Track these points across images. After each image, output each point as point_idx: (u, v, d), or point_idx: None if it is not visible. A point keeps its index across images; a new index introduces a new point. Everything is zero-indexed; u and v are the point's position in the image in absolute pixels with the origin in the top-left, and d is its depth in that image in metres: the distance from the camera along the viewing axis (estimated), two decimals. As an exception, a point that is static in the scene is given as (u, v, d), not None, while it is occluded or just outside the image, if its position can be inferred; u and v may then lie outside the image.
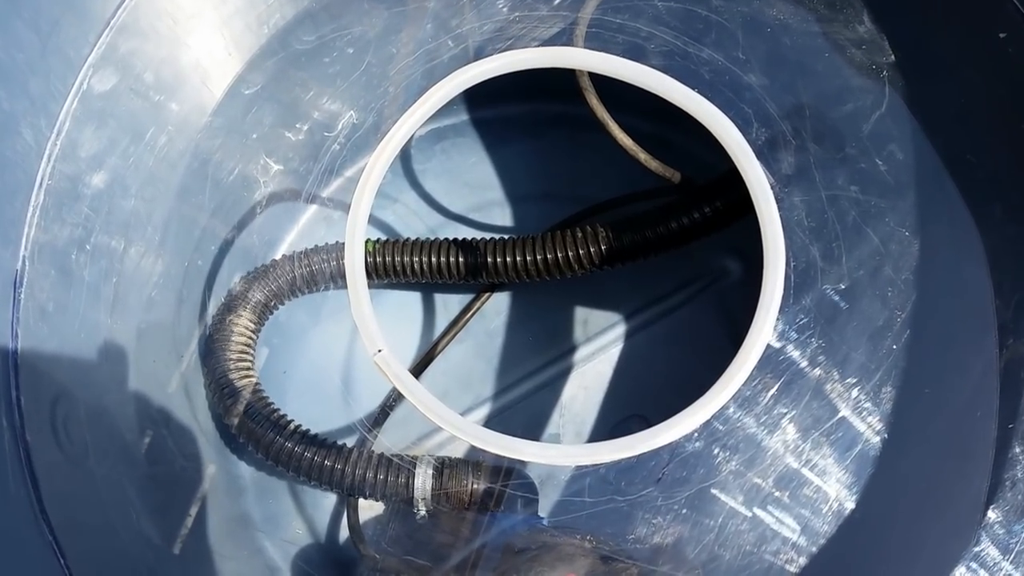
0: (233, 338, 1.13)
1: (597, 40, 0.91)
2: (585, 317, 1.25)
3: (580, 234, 1.13)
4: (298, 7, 0.98)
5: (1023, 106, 0.88)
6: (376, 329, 0.79)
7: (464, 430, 0.78)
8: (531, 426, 1.21)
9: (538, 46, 0.89)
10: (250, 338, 1.15)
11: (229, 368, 1.12)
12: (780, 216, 0.79)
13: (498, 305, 1.26)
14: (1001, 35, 0.90)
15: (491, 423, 1.20)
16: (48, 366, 0.80)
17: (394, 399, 1.21)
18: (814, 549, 0.83)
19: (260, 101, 1.10)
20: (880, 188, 0.84)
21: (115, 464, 0.87)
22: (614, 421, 1.22)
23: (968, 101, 0.89)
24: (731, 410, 0.80)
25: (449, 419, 0.78)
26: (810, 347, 0.81)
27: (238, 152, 1.11)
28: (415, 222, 1.31)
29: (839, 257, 0.82)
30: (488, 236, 1.20)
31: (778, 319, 0.76)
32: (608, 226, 1.12)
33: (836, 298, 0.82)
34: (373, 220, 1.31)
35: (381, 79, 0.97)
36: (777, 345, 0.80)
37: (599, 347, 1.22)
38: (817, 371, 0.81)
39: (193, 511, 1.04)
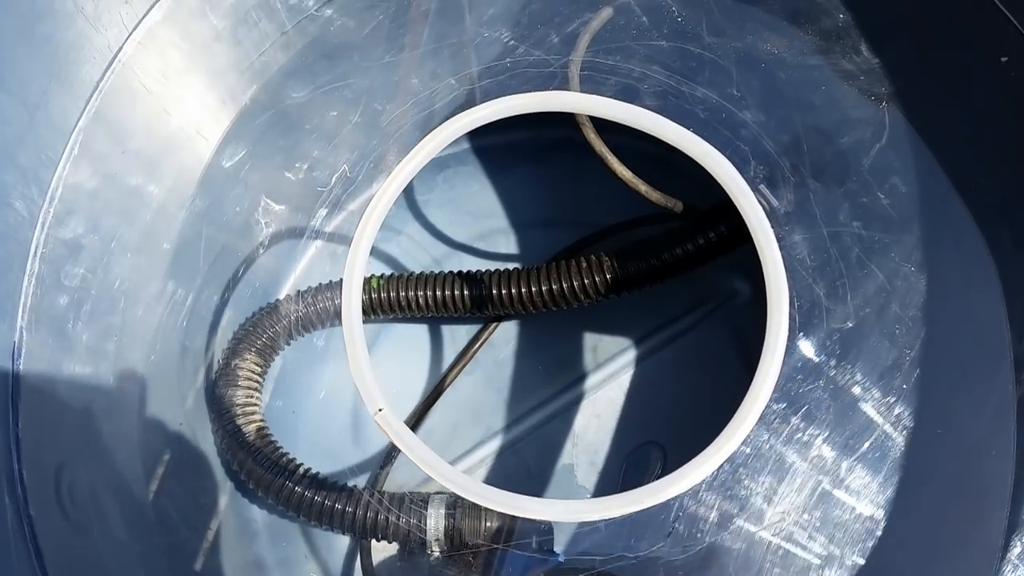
0: (239, 382, 1.13)
1: (589, 82, 0.89)
2: (594, 344, 1.23)
3: (585, 264, 1.11)
4: (289, 61, 0.98)
5: None
6: (376, 388, 0.78)
7: (468, 488, 0.77)
8: (544, 457, 1.20)
9: (531, 90, 0.88)
10: (256, 381, 1.15)
11: (236, 413, 1.12)
12: (782, 255, 0.77)
13: (506, 334, 1.25)
14: (1003, 59, 0.88)
15: (503, 455, 1.20)
16: (50, 435, 0.80)
17: (404, 436, 1.21)
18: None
19: (258, 147, 1.10)
20: (883, 223, 0.82)
21: (123, 524, 0.87)
22: (628, 449, 1.20)
23: (973, 128, 0.86)
24: (737, 461, 0.78)
25: (452, 477, 0.77)
26: (816, 392, 0.79)
27: (237, 197, 1.11)
28: (419, 253, 1.30)
29: (844, 296, 0.80)
30: (493, 266, 1.19)
31: (783, 363, 0.75)
32: (613, 255, 1.11)
33: (842, 338, 0.80)
34: (377, 253, 1.31)
35: (375, 129, 0.96)
36: (781, 392, 0.79)
37: (610, 374, 1.20)
38: (825, 417, 0.79)
39: (206, 558, 1.04)
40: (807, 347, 0.81)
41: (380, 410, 0.79)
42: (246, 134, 1.07)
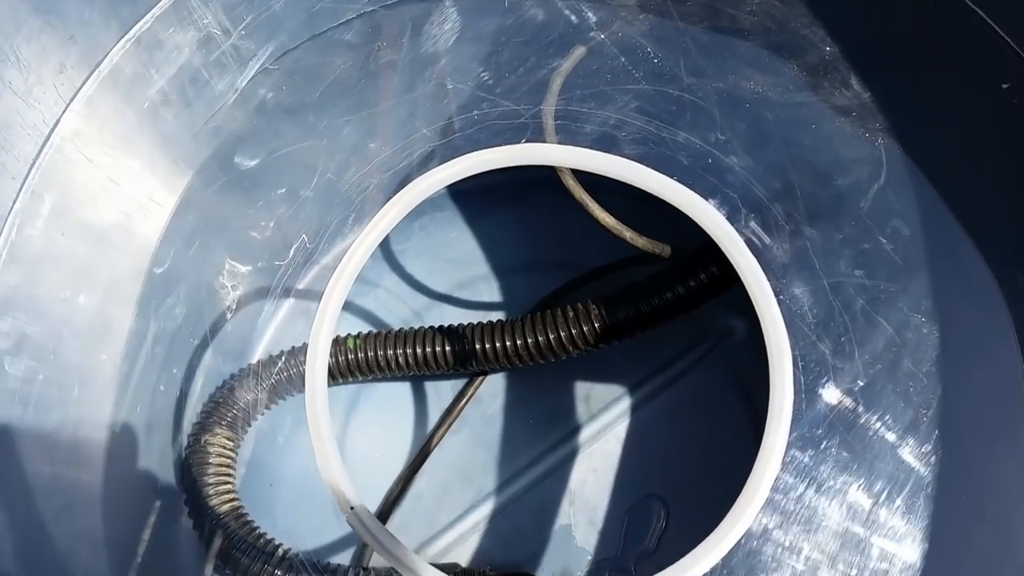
0: (210, 459, 1.07)
1: (564, 132, 0.83)
2: (587, 393, 1.18)
3: (572, 313, 1.06)
4: (246, 119, 0.92)
5: None
6: (347, 486, 0.71)
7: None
8: (540, 518, 1.14)
9: (502, 143, 0.82)
10: (229, 456, 1.09)
11: (208, 494, 1.05)
12: (782, 311, 0.71)
13: (494, 388, 1.20)
14: (1004, 86, 0.82)
15: (496, 519, 1.13)
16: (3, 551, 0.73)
17: (392, 504, 1.15)
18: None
19: (218, 209, 1.03)
20: (888, 270, 0.77)
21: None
22: (629, 504, 1.15)
23: (977, 162, 0.80)
24: (744, 541, 0.72)
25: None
26: (829, 461, 0.73)
27: (198, 262, 1.04)
28: (398, 306, 1.24)
29: (851, 353, 0.74)
30: (476, 316, 1.15)
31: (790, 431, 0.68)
32: (601, 302, 1.06)
33: (853, 400, 0.74)
34: (353, 308, 1.25)
35: (337, 192, 0.90)
36: (791, 464, 0.72)
37: (605, 424, 1.15)
38: (839, 488, 0.72)
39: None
40: (814, 412, 0.75)
41: (351, 508, 0.73)
42: (204, 197, 1.00)
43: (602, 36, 0.88)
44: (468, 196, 1.24)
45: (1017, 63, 0.81)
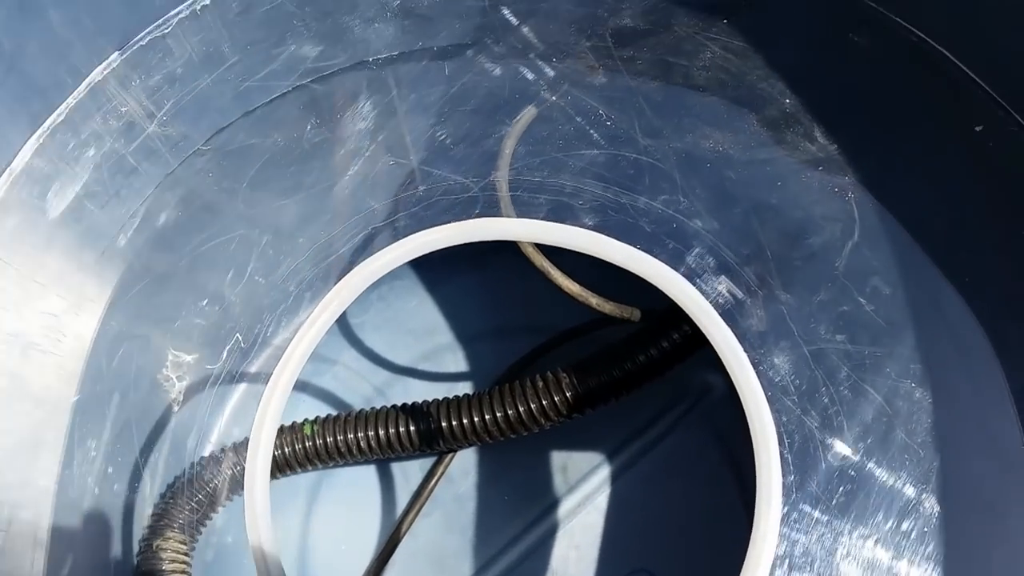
0: (164, 566, 0.99)
1: (517, 203, 0.79)
2: (563, 463, 1.12)
3: (542, 383, 1.01)
4: (179, 204, 0.85)
5: (1021, 206, 0.75)
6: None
7: None
8: (522, 604, 1.07)
9: (451, 220, 0.77)
10: (183, 561, 1.01)
11: (163, 606, 0.97)
12: (762, 383, 0.66)
13: (464, 464, 1.14)
14: (977, 128, 0.78)
15: (475, 609, 1.06)
16: None
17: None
18: None
19: (156, 299, 0.97)
20: (871, 333, 0.72)
21: None
22: (616, 581, 1.08)
23: (954, 210, 0.76)
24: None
25: None
26: (823, 547, 0.67)
27: (137, 356, 0.97)
28: (358, 384, 1.18)
29: (840, 426, 0.69)
30: (441, 389, 1.11)
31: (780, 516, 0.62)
32: (571, 370, 1.01)
33: (845, 478, 0.69)
34: (311, 389, 1.19)
35: (276, 278, 0.84)
36: (782, 551, 0.66)
37: (585, 496, 1.09)
38: (834, 572, 0.67)
39: None
40: (803, 495, 0.69)
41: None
42: (140, 288, 0.94)
43: (552, 98, 0.83)
44: (427, 263, 1.18)
45: (988, 102, 0.78)
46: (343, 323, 1.19)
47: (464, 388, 1.19)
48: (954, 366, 0.71)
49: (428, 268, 1.17)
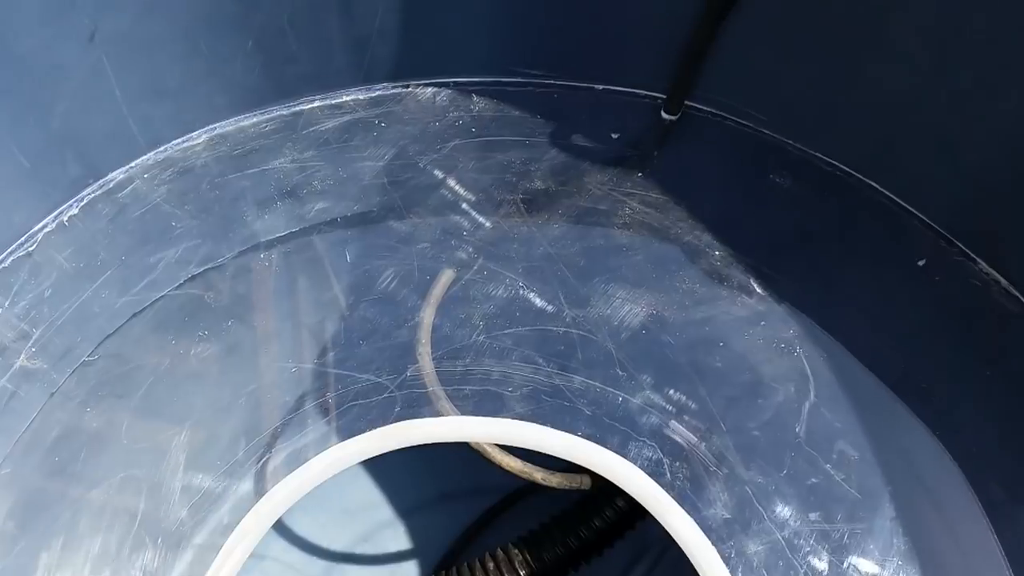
0: None
1: (436, 399, 0.70)
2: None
3: (492, 563, 0.90)
4: (63, 427, 0.75)
5: (983, 346, 0.70)
6: None
7: None
8: None
9: (367, 427, 0.68)
10: None
11: None
12: (735, 579, 0.58)
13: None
14: (920, 263, 0.74)
15: None
16: None
17: None
18: None
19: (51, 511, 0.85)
20: (847, 507, 0.65)
21: None
22: None
23: (913, 352, 0.71)
24: None
25: None
26: None
27: None
28: (293, 578, 1.05)
29: (830, 620, 0.61)
30: (383, 571, 0.99)
31: None
32: (523, 545, 0.90)
33: None
34: (241, 594, 1.05)
35: (174, 513, 0.74)
36: None
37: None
38: None
39: None
40: None
41: None
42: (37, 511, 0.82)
43: (467, 276, 0.76)
44: (358, 433, 1.09)
45: (927, 233, 0.74)
46: (272, 511, 1.07)
47: (408, 567, 1.08)
48: (940, 534, 0.64)
49: (360, 438, 1.07)
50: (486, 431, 0.68)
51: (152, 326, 0.77)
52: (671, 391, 0.70)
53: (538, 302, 0.74)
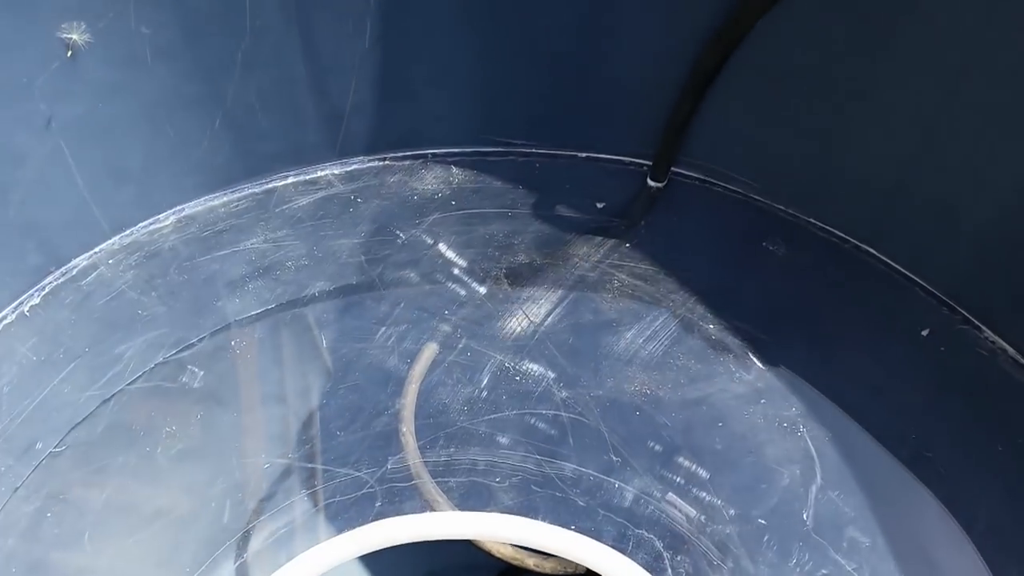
0: None
1: (421, 493, 0.66)
2: None
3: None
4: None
5: (994, 419, 0.67)
6: None
7: None
8: None
9: (343, 525, 0.64)
10: None
11: None
12: None
13: None
14: (923, 333, 0.70)
15: None
16: None
17: None
18: None
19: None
20: (861, 599, 0.60)
21: None
22: None
23: (923, 428, 0.67)
24: None
25: None
26: None
27: None
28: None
29: None
30: None
31: None
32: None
33: None
34: None
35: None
36: None
37: None
38: None
39: None
40: None
41: None
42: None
43: (451, 357, 0.73)
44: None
45: (929, 299, 0.71)
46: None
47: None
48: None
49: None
50: (473, 529, 0.64)
51: (119, 420, 0.72)
52: (668, 476, 0.66)
53: (525, 384, 0.71)
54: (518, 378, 0.71)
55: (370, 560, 1.02)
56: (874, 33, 0.67)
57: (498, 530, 0.64)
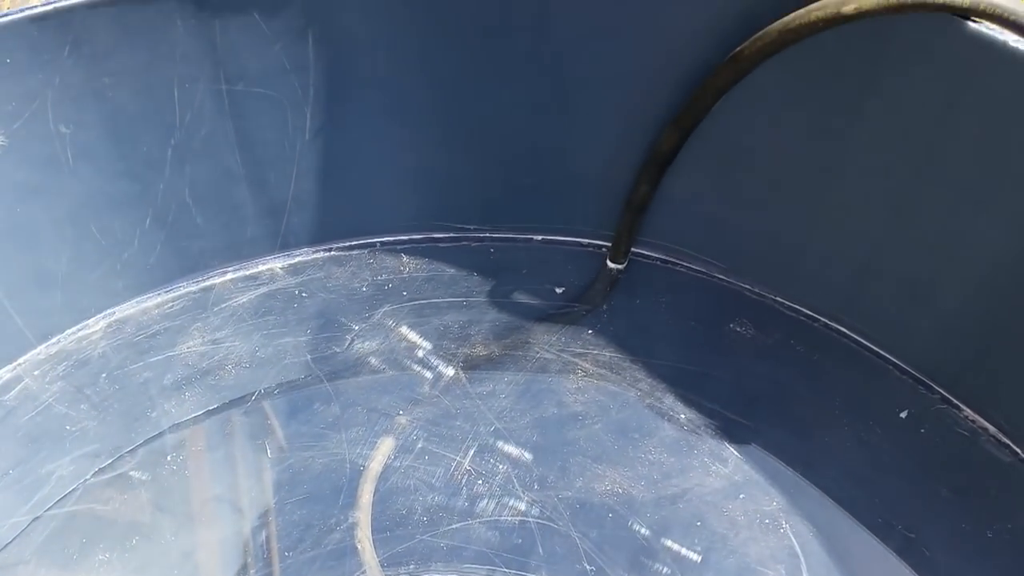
0: None
1: None
2: None
3: None
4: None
5: (980, 502, 0.64)
6: None
7: None
8: None
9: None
10: None
11: None
12: None
13: None
14: (902, 415, 0.68)
15: None
16: None
17: None
18: None
19: None
20: None
21: None
22: None
23: (912, 515, 0.63)
24: None
25: None
26: None
27: None
28: None
29: None
30: None
31: None
32: None
33: None
34: None
35: None
36: None
37: None
38: None
39: None
40: None
41: None
42: None
43: (405, 463, 0.68)
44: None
45: (906, 379, 0.68)
46: None
47: None
48: None
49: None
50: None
51: (44, 554, 0.66)
52: (647, 584, 0.61)
53: (489, 487, 0.66)
54: (480, 481, 0.66)
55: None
56: (841, 112, 0.66)
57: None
